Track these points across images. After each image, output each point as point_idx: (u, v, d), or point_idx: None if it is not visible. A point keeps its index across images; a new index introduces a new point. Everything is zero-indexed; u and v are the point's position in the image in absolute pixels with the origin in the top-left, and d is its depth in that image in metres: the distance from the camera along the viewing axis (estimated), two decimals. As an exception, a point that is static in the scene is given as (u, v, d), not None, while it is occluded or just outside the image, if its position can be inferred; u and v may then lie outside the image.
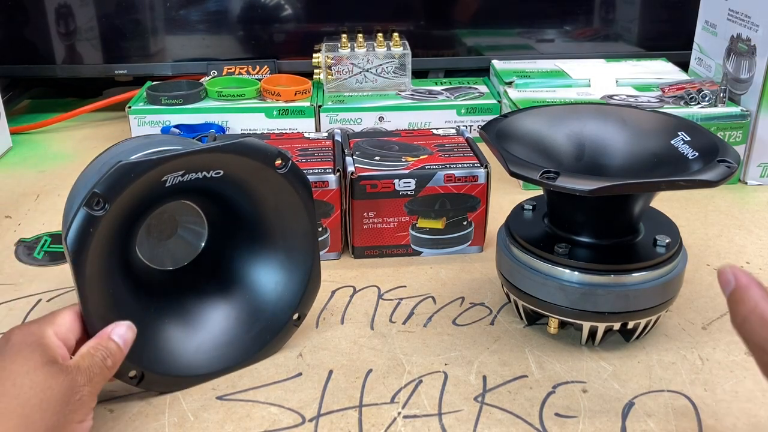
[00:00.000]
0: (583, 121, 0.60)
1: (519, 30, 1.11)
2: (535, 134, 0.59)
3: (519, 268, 0.56)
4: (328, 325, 0.60)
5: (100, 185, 0.45)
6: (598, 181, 0.48)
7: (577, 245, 0.55)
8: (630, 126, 0.59)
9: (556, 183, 0.48)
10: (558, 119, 0.60)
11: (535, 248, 0.55)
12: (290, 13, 1.08)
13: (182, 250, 0.57)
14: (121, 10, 1.06)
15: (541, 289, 0.54)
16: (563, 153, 0.58)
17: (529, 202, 0.61)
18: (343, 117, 0.94)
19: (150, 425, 0.49)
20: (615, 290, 0.53)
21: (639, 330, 0.56)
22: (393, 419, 0.50)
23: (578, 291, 0.53)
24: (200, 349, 0.53)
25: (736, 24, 0.87)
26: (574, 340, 0.57)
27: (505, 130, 0.57)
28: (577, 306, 0.54)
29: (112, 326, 0.47)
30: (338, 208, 0.68)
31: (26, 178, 0.90)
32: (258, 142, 0.51)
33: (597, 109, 0.61)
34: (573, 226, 0.56)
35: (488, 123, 0.58)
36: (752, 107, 0.84)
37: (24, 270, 0.69)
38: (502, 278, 0.59)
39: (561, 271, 0.53)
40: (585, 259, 0.53)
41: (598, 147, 0.58)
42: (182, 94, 0.94)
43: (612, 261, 0.53)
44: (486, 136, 0.56)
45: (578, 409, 0.50)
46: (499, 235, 0.60)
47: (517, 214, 0.60)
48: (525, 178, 0.50)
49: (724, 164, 0.50)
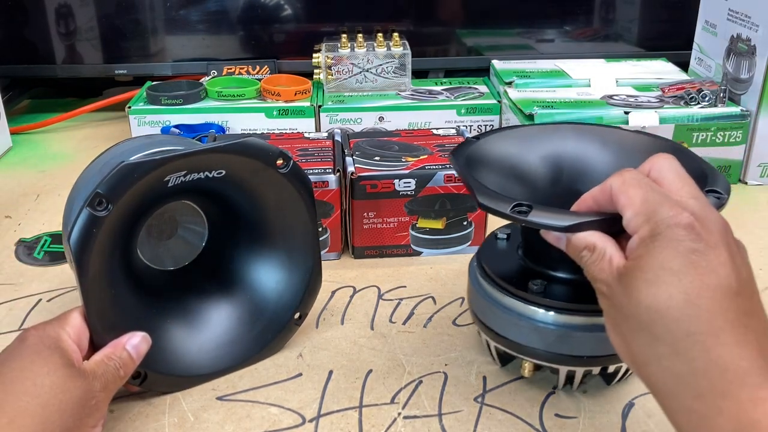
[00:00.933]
0: (560, 143, 0.55)
1: (519, 30, 1.11)
2: (509, 158, 0.54)
3: (490, 305, 0.51)
4: (328, 325, 0.60)
5: (103, 186, 0.45)
6: (575, 216, 0.43)
7: (553, 281, 0.50)
8: (611, 147, 0.54)
9: (528, 218, 0.44)
10: (533, 140, 0.55)
11: (507, 284, 0.50)
12: (290, 13, 1.08)
13: (183, 250, 0.57)
14: (121, 10, 1.06)
15: (513, 330, 0.50)
16: (539, 178, 0.54)
17: (503, 231, 0.56)
18: (343, 117, 0.94)
19: (150, 425, 0.49)
20: (594, 332, 0.48)
21: (621, 373, 0.51)
22: (393, 420, 0.50)
23: (554, 333, 0.48)
24: (202, 348, 0.54)
25: (736, 24, 0.87)
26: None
27: (477, 155, 0.53)
28: (552, 349, 0.49)
29: (127, 336, 0.48)
30: (338, 208, 0.68)
31: (26, 178, 0.90)
32: (260, 141, 0.51)
33: (575, 129, 0.57)
34: (549, 260, 0.51)
35: (458, 147, 0.54)
36: (752, 107, 0.84)
37: (24, 270, 0.69)
38: (473, 314, 0.54)
39: (535, 311, 0.49)
40: (562, 298, 0.48)
41: (577, 170, 0.54)
42: (182, 94, 0.94)
43: (591, 299, 0.47)
44: (455, 162, 0.51)
45: (578, 410, 0.50)
46: (470, 267, 0.55)
47: (490, 244, 0.55)
48: (495, 212, 0.45)
49: (713, 195, 0.45)
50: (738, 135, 0.84)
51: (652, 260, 0.36)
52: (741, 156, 0.85)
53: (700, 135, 0.83)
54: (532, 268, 0.52)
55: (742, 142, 0.84)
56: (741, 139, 0.84)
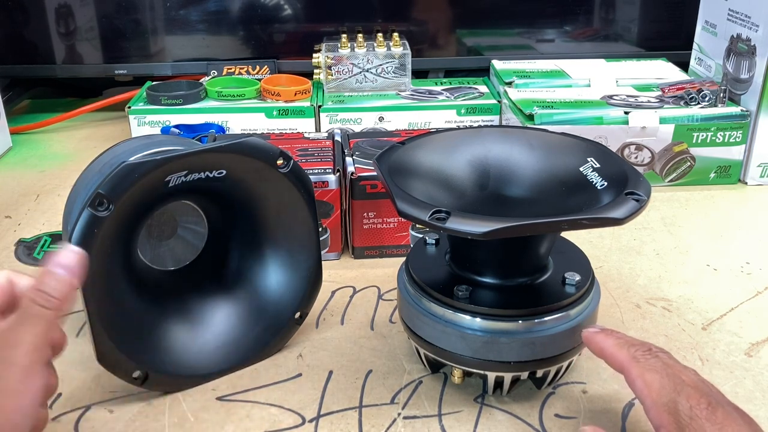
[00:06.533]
0: (487, 146, 0.55)
1: (519, 30, 1.11)
2: (436, 163, 0.53)
3: (417, 312, 0.50)
4: (328, 325, 0.60)
5: (104, 186, 0.45)
6: (493, 222, 0.43)
7: (479, 287, 0.50)
8: (537, 151, 0.54)
9: (446, 225, 0.43)
10: (460, 145, 0.55)
11: (433, 291, 0.49)
12: (290, 13, 1.08)
13: (183, 250, 0.57)
14: (121, 10, 1.06)
15: (440, 337, 0.49)
16: (466, 183, 0.53)
17: (432, 236, 0.55)
18: (343, 117, 0.94)
19: (150, 425, 0.49)
20: (520, 337, 0.48)
21: (550, 377, 0.51)
22: (393, 420, 0.50)
23: (480, 339, 0.48)
24: (204, 348, 0.54)
25: (736, 24, 0.87)
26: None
27: (402, 160, 0.52)
28: (479, 355, 0.48)
29: (50, 257, 0.43)
30: (338, 208, 0.68)
31: (26, 178, 0.90)
32: (260, 141, 0.51)
33: (502, 132, 0.57)
34: (474, 266, 0.51)
35: (383, 152, 0.53)
36: (752, 107, 0.84)
37: (24, 270, 0.69)
38: (402, 321, 0.53)
39: (461, 317, 0.48)
40: (487, 303, 0.48)
41: (504, 175, 0.54)
42: (182, 94, 0.94)
43: (516, 305, 0.48)
44: (378, 167, 0.50)
45: (578, 410, 0.50)
46: (399, 274, 0.54)
47: (419, 250, 0.55)
48: (414, 219, 0.45)
49: (632, 197, 0.45)
50: (738, 135, 0.84)
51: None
52: (741, 156, 0.85)
53: (700, 135, 0.83)
54: (458, 273, 0.51)
55: (742, 142, 0.84)
56: (741, 139, 0.84)
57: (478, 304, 0.48)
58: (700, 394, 0.40)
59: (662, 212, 0.80)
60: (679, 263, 0.69)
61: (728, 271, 0.68)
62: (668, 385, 0.41)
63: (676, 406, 0.40)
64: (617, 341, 0.45)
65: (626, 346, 0.45)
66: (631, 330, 0.59)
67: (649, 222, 0.77)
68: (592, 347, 0.47)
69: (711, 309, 0.62)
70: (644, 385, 0.42)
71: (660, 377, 0.42)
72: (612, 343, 0.45)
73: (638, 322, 0.60)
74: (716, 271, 0.68)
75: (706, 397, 0.40)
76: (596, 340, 0.47)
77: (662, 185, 0.85)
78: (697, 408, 0.39)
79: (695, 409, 0.39)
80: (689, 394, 0.40)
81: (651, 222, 0.77)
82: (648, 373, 0.42)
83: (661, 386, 0.41)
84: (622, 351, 0.44)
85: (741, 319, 0.61)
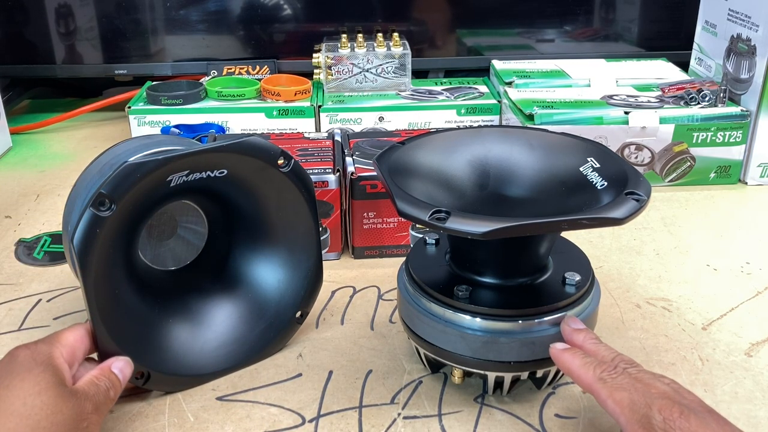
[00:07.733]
0: (487, 146, 0.55)
1: (519, 30, 1.11)
2: (435, 163, 0.53)
3: (417, 312, 0.50)
4: (328, 325, 0.60)
5: (106, 186, 0.45)
6: (492, 222, 0.43)
7: (479, 287, 0.50)
8: (537, 151, 0.54)
9: (446, 225, 0.43)
10: (460, 145, 0.55)
11: (433, 290, 0.49)
12: (290, 13, 1.08)
13: (183, 250, 0.57)
14: (121, 10, 1.06)
15: (440, 337, 0.49)
16: (466, 183, 0.53)
17: (432, 236, 0.55)
18: (343, 117, 0.94)
19: (150, 425, 0.49)
20: (520, 337, 0.48)
21: (550, 377, 0.51)
22: (393, 420, 0.50)
23: (480, 339, 0.48)
24: (205, 348, 0.54)
25: (736, 24, 0.87)
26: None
27: (402, 160, 0.52)
28: (479, 355, 0.48)
29: (112, 360, 0.47)
30: (338, 208, 0.68)
31: (26, 178, 0.90)
32: (261, 141, 0.51)
33: (502, 132, 0.56)
34: (474, 266, 0.51)
35: (383, 152, 0.53)
36: (752, 107, 0.84)
37: (24, 270, 0.69)
38: (402, 321, 0.53)
39: (461, 317, 0.48)
40: (487, 303, 0.48)
41: (504, 175, 0.54)
42: (182, 94, 0.94)
43: (516, 305, 0.48)
44: (378, 167, 0.50)
45: (578, 410, 0.50)
46: (399, 273, 0.54)
47: (419, 250, 0.55)
48: (414, 219, 0.45)
49: (632, 197, 0.46)
50: (738, 135, 0.84)
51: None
52: (741, 156, 0.85)
53: (700, 135, 0.83)
54: (458, 273, 0.51)
55: (742, 142, 0.84)
56: (741, 139, 0.84)
57: (478, 304, 0.48)
58: (671, 404, 0.40)
59: (662, 212, 0.80)
60: (679, 263, 0.69)
61: (728, 271, 0.68)
62: (638, 400, 0.41)
63: (649, 420, 0.40)
64: (583, 361, 0.45)
65: (592, 366, 0.44)
66: (631, 330, 0.59)
67: (649, 222, 0.77)
68: (560, 365, 0.47)
69: (711, 309, 0.62)
70: (615, 404, 0.42)
71: (629, 394, 0.41)
72: (578, 364, 0.45)
73: (638, 322, 0.60)
74: (716, 271, 0.68)
75: (678, 406, 0.40)
76: (563, 360, 0.46)
77: (662, 185, 0.85)
78: (669, 419, 0.39)
79: (668, 420, 0.39)
80: (661, 406, 0.40)
81: (651, 222, 0.77)
82: (617, 392, 0.42)
83: (632, 402, 0.41)
84: (588, 372, 0.44)
85: (741, 319, 0.61)
